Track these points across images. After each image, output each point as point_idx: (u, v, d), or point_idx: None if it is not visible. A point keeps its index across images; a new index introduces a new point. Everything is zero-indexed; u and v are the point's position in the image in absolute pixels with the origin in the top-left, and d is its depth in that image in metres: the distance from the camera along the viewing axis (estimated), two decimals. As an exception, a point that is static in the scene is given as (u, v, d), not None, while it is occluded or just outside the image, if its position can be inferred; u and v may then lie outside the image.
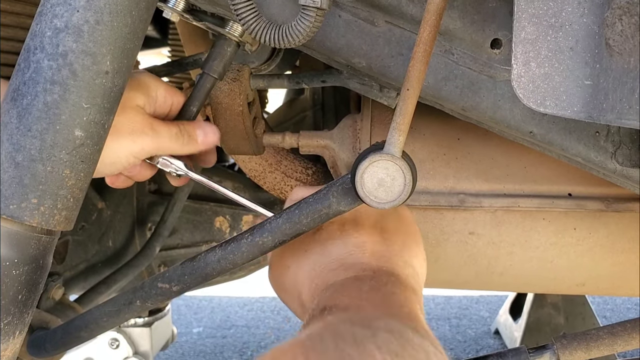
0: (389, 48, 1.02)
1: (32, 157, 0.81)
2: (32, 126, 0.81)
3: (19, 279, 0.84)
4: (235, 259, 0.98)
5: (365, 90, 1.23)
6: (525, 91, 0.78)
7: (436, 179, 1.35)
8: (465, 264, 1.41)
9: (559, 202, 1.32)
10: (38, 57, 0.82)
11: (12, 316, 0.85)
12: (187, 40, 1.86)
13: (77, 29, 0.81)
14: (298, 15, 0.90)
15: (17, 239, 0.82)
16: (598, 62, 0.73)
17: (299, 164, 1.81)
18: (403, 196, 0.88)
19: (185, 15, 1.19)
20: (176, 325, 2.89)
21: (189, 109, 1.12)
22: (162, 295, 1.03)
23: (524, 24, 0.77)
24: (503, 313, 3.74)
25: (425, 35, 0.85)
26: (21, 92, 0.81)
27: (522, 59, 0.77)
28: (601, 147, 1.01)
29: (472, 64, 1.01)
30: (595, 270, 1.40)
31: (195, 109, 1.12)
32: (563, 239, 1.35)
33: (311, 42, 1.05)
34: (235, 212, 1.99)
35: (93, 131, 0.85)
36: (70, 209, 0.86)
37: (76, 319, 1.12)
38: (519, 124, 1.02)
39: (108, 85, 0.84)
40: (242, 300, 4.45)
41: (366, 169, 0.88)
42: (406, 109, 0.86)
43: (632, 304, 4.22)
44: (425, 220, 1.37)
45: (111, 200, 1.92)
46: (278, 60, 1.51)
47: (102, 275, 1.83)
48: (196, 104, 1.12)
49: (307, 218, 0.95)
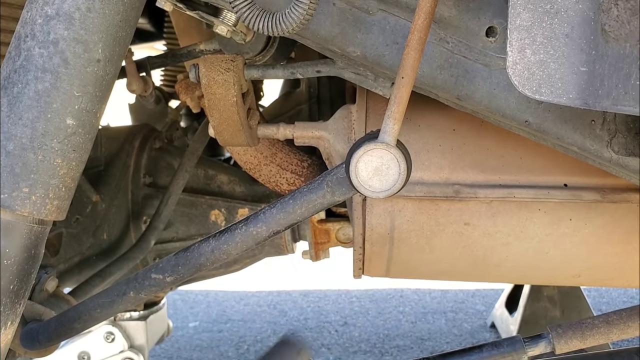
0: (384, 36, 1.02)
1: (23, 146, 0.81)
2: (23, 114, 0.80)
3: (11, 268, 0.84)
4: (229, 249, 0.97)
5: (360, 80, 1.22)
6: (521, 78, 0.77)
7: (431, 170, 1.34)
8: (461, 255, 1.41)
9: (554, 192, 1.32)
10: (29, 45, 0.81)
11: (4, 307, 0.85)
12: (181, 32, 1.85)
13: (68, 16, 0.80)
14: (292, 3, 0.89)
15: (8, 228, 0.82)
16: (594, 49, 0.72)
17: (294, 156, 1.81)
18: (398, 185, 0.88)
19: (178, 4, 1.18)
20: (172, 319, 2.89)
21: None
22: (156, 286, 1.02)
23: (519, 10, 0.76)
24: (499, 306, 3.74)
25: (420, 23, 0.84)
26: (12, 80, 0.81)
27: (518, 45, 0.77)
28: (597, 135, 1.01)
29: (467, 53, 1.00)
30: (591, 261, 1.40)
31: None
32: (559, 230, 1.35)
33: (305, 31, 1.04)
34: (230, 205, 1.98)
35: (85, 120, 0.84)
36: (62, 198, 0.85)
37: (69, 311, 1.11)
38: (514, 113, 1.02)
39: (100, 74, 0.84)
40: (238, 294, 4.44)
41: (360, 158, 0.87)
42: (401, 97, 0.85)
43: (628, 297, 4.23)
44: (420, 211, 1.36)
45: (106, 193, 1.91)
46: (273, 51, 1.50)
47: (96, 268, 1.82)
48: None
49: (301, 208, 0.94)
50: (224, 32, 1.28)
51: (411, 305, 4.19)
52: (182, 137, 2.25)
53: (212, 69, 1.26)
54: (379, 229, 1.39)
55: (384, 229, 1.38)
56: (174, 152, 2.05)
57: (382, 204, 1.36)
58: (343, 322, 3.92)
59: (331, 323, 3.90)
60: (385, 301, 4.24)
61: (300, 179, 1.79)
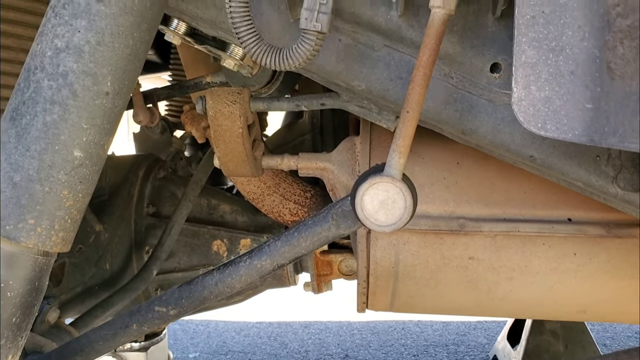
0: (389, 71, 1.02)
1: (30, 177, 0.81)
2: (31, 146, 0.81)
3: (14, 301, 0.83)
4: (234, 283, 0.97)
5: (364, 113, 1.23)
6: (526, 114, 0.78)
7: (436, 203, 1.34)
8: (466, 289, 1.40)
9: (558, 227, 1.31)
10: (38, 77, 0.81)
11: (5, 339, 0.84)
12: (188, 64, 1.87)
13: (78, 49, 0.81)
14: (298, 39, 0.90)
15: (12, 260, 0.81)
16: (599, 86, 0.73)
17: (297, 186, 1.81)
18: (404, 219, 0.88)
19: (187, 38, 1.20)
20: (172, 350, 2.85)
21: None
22: (159, 319, 1.01)
23: (524, 47, 0.77)
24: (501, 340, 3.70)
25: (425, 59, 0.85)
26: (20, 111, 0.81)
27: (523, 82, 0.77)
28: (602, 171, 1.01)
29: (472, 88, 1.01)
30: (596, 296, 1.39)
31: None
32: (563, 265, 1.34)
33: (311, 66, 1.05)
34: (233, 235, 1.98)
35: (92, 152, 0.84)
36: (67, 230, 0.85)
37: (71, 343, 1.10)
38: (519, 148, 1.02)
39: (108, 106, 0.84)
40: (238, 325, 4.40)
41: (366, 191, 0.87)
42: (406, 131, 0.86)
43: (633, 332, 4.19)
44: (425, 244, 1.36)
45: (109, 222, 1.91)
46: (278, 84, 1.51)
47: (98, 298, 1.80)
48: None
49: (306, 241, 0.94)
50: (231, 65, 1.29)
51: (413, 338, 4.15)
52: (186, 166, 2.25)
53: (219, 101, 1.27)
54: (384, 263, 1.38)
55: (389, 263, 1.38)
56: (178, 181, 2.05)
57: (387, 237, 1.36)
58: (344, 354, 3.87)
59: (332, 356, 3.86)
60: (387, 334, 4.20)
61: (303, 209, 1.79)
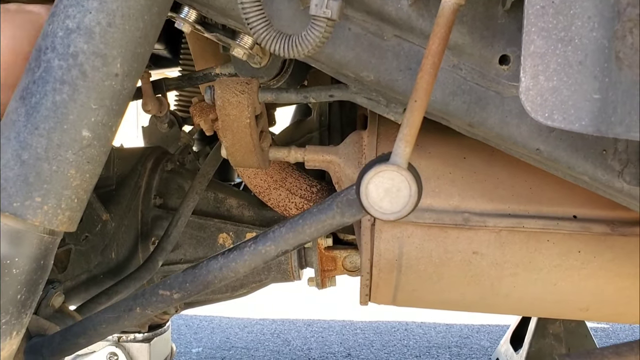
0: (398, 62, 1.03)
1: (38, 156, 0.81)
2: (40, 125, 0.81)
3: (19, 278, 0.84)
4: (238, 267, 0.97)
5: (372, 105, 1.23)
6: (533, 104, 0.78)
7: (441, 197, 1.34)
8: (469, 284, 1.40)
9: (563, 223, 1.31)
10: (49, 57, 0.82)
11: (10, 315, 0.84)
12: (197, 55, 1.87)
13: (88, 30, 0.82)
14: (308, 26, 0.91)
15: (18, 237, 0.82)
16: (607, 76, 0.73)
17: (303, 181, 1.81)
18: (408, 207, 0.88)
19: (197, 26, 1.20)
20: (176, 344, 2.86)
21: None
22: (163, 302, 1.02)
23: (533, 37, 0.77)
24: (504, 343, 3.69)
25: (434, 48, 0.85)
26: (30, 90, 0.82)
27: (531, 72, 0.77)
28: (608, 165, 1.01)
29: (480, 80, 1.01)
30: (599, 294, 1.39)
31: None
32: (567, 262, 1.34)
33: (320, 55, 1.05)
34: (239, 229, 1.98)
35: (100, 132, 0.85)
36: (74, 210, 0.86)
37: (74, 326, 1.11)
38: (525, 141, 1.02)
39: (117, 88, 0.85)
40: (242, 321, 4.41)
41: (371, 179, 0.87)
42: (413, 120, 0.86)
43: (636, 337, 4.17)
44: (429, 238, 1.36)
45: (116, 212, 1.91)
46: (287, 76, 1.51)
47: (103, 286, 1.81)
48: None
49: (310, 228, 0.94)
50: (240, 54, 1.30)
51: (416, 339, 4.14)
52: (194, 161, 2.26)
53: (227, 90, 1.28)
54: (387, 255, 1.38)
55: (392, 255, 1.38)
56: (186, 174, 2.06)
57: (391, 229, 1.36)
58: (347, 353, 3.87)
59: (335, 354, 3.86)
60: (389, 334, 4.19)
61: (309, 203, 1.80)
